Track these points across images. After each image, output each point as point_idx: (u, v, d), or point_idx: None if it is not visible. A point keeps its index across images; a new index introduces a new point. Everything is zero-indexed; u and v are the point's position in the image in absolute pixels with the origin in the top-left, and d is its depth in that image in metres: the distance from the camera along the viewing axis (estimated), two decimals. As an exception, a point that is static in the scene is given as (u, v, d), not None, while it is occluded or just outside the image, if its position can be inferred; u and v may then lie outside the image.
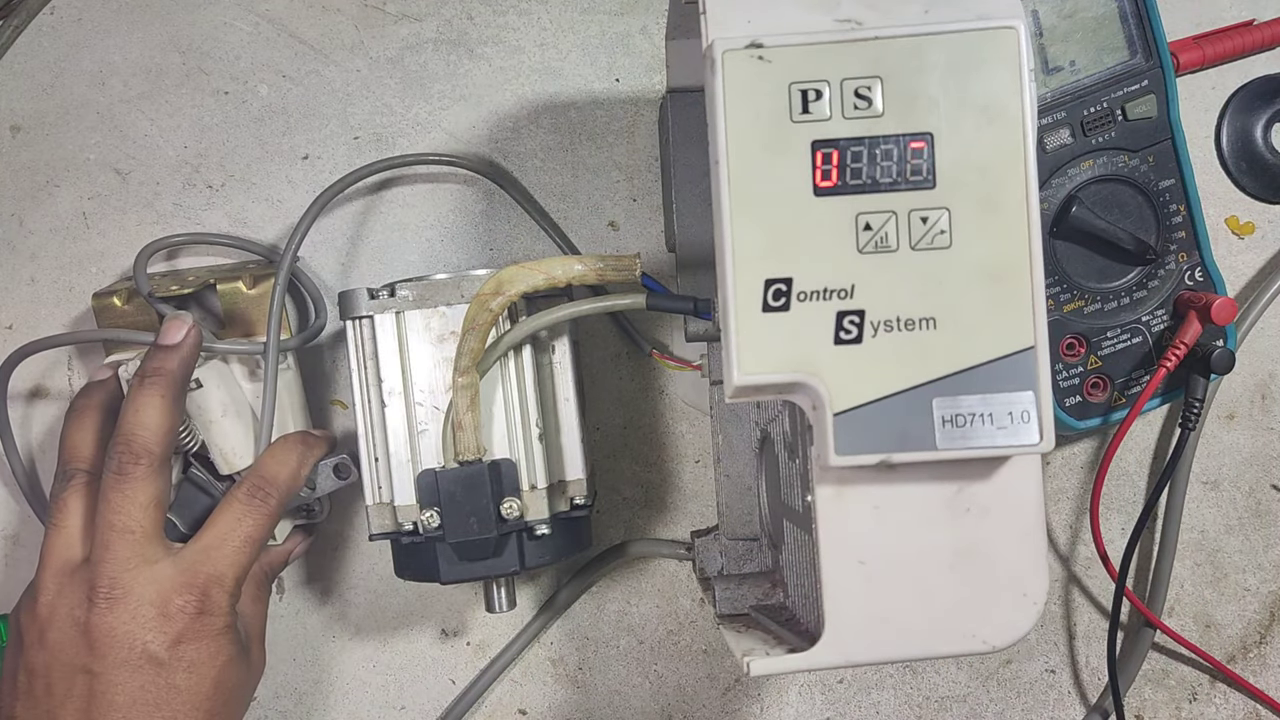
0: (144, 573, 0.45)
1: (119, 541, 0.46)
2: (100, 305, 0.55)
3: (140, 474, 0.46)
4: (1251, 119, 0.59)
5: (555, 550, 0.51)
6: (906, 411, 0.36)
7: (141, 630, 0.45)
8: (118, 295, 0.55)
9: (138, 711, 0.44)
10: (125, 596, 0.45)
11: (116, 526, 0.46)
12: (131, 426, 0.47)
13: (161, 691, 0.45)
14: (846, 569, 0.38)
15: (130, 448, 0.46)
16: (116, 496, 0.46)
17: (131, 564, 0.45)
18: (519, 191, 0.58)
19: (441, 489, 0.48)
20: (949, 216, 0.36)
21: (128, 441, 0.47)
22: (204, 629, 0.46)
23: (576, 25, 0.60)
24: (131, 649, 0.45)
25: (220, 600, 0.47)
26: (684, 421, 0.59)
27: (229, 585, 0.47)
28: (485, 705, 0.59)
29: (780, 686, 0.59)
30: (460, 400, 0.47)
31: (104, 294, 0.55)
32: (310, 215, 0.54)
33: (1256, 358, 0.59)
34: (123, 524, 0.46)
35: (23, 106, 0.59)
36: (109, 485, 0.46)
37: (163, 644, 0.45)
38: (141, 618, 0.45)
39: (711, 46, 0.36)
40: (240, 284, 0.54)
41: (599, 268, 0.46)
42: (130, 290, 0.55)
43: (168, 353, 0.48)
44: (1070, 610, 0.59)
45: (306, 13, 0.59)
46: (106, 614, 0.45)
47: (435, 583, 0.50)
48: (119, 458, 0.46)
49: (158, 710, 0.45)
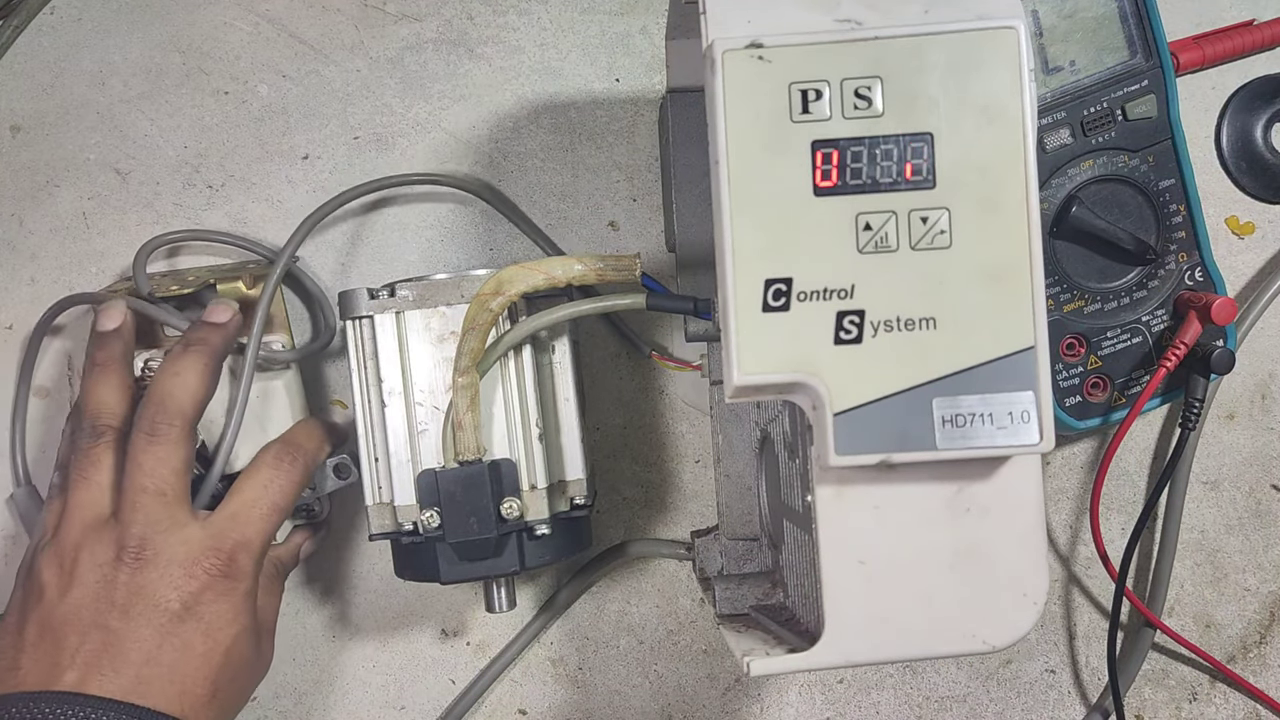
0: (174, 535, 0.46)
1: (152, 503, 0.46)
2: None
3: (174, 437, 0.47)
4: (1251, 119, 0.59)
5: (555, 550, 0.51)
6: (906, 411, 0.36)
7: (167, 588, 0.45)
8: (117, 294, 0.55)
9: (149, 668, 0.44)
10: (155, 558, 0.45)
11: (149, 489, 0.46)
12: (170, 388, 0.48)
13: (175, 651, 0.45)
14: (846, 569, 0.38)
15: (165, 410, 0.47)
16: (148, 459, 0.46)
17: (162, 526, 0.46)
18: (508, 208, 0.58)
19: (441, 489, 0.48)
20: (949, 216, 0.36)
21: (163, 403, 0.47)
22: (226, 590, 0.46)
23: (576, 25, 0.60)
24: (155, 607, 0.45)
25: (246, 565, 0.47)
26: (684, 421, 0.59)
27: (255, 551, 0.48)
28: (485, 705, 0.59)
29: (780, 686, 0.59)
30: (460, 400, 0.47)
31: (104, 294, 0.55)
32: (298, 237, 0.54)
33: (1256, 358, 0.59)
34: (155, 487, 0.46)
35: (23, 106, 0.59)
36: (140, 446, 0.47)
37: (184, 601, 0.45)
38: (169, 578, 0.45)
39: (711, 46, 0.36)
40: (240, 284, 0.54)
41: (599, 268, 0.46)
42: (130, 290, 0.55)
43: (213, 328, 0.51)
44: (1070, 610, 0.59)
45: (306, 13, 0.59)
46: (136, 574, 0.45)
47: (435, 583, 0.50)
48: (153, 419, 0.47)
49: (170, 671, 0.45)
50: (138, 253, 0.54)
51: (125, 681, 0.44)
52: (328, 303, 0.57)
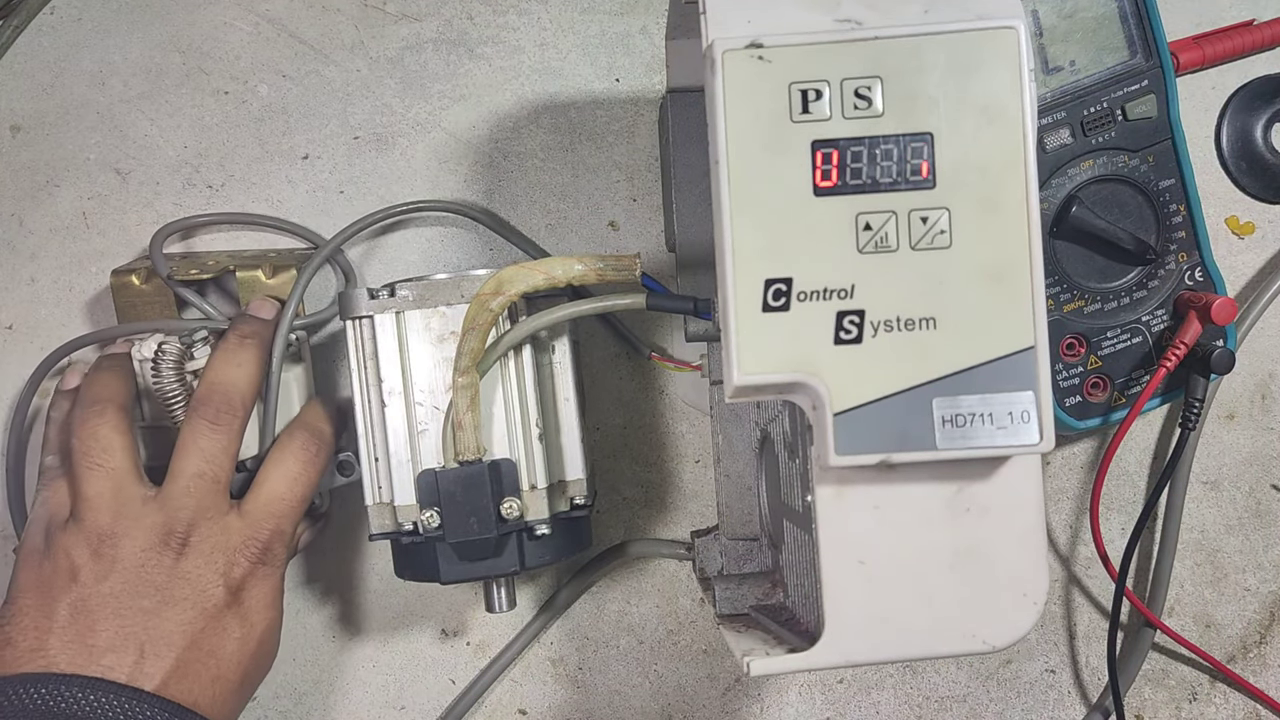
0: (219, 522, 0.47)
1: (206, 490, 0.47)
2: (118, 283, 0.55)
3: (231, 425, 0.48)
4: (1251, 119, 0.59)
5: (555, 550, 0.51)
6: (906, 411, 0.36)
7: (213, 576, 0.46)
8: (136, 274, 0.55)
9: (189, 653, 0.45)
10: (201, 544, 0.46)
11: (206, 475, 0.47)
12: (234, 378, 0.49)
13: (216, 638, 0.46)
14: (846, 569, 0.38)
15: (228, 398, 0.48)
16: (209, 444, 0.47)
17: (210, 513, 0.47)
18: (511, 232, 0.58)
19: (441, 489, 0.48)
20: (949, 216, 0.36)
21: (226, 392, 0.48)
22: (263, 579, 0.48)
23: (576, 25, 0.60)
24: (201, 593, 0.46)
25: (280, 552, 0.49)
26: (684, 421, 0.59)
27: (287, 539, 0.49)
28: (485, 705, 0.59)
29: (780, 686, 0.59)
30: (460, 400, 0.47)
31: (123, 271, 0.55)
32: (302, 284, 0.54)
33: (1256, 358, 0.59)
34: (212, 473, 0.47)
35: (23, 106, 0.59)
36: (201, 431, 0.47)
37: (228, 590, 0.46)
38: (214, 565, 0.46)
39: (711, 46, 0.36)
40: (260, 273, 0.55)
41: (599, 268, 0.46)
42: (148, 270, 0.55)
43: (263, 322, 0.52)
44: (1070, 610, 0.59)
45: (306, 13, 0.59)
46: (180, 560, 0.46)
47: (435, 583, 0.50)
48: (215, 405, 0.48)
49: (210, 657, 0.45)
50: (154, 236, 0.55)
51: (166, 666, 0.44)
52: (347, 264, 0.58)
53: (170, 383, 0.50)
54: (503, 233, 0.58)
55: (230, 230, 0.59)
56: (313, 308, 0.57)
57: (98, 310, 0.58)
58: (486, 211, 0.58)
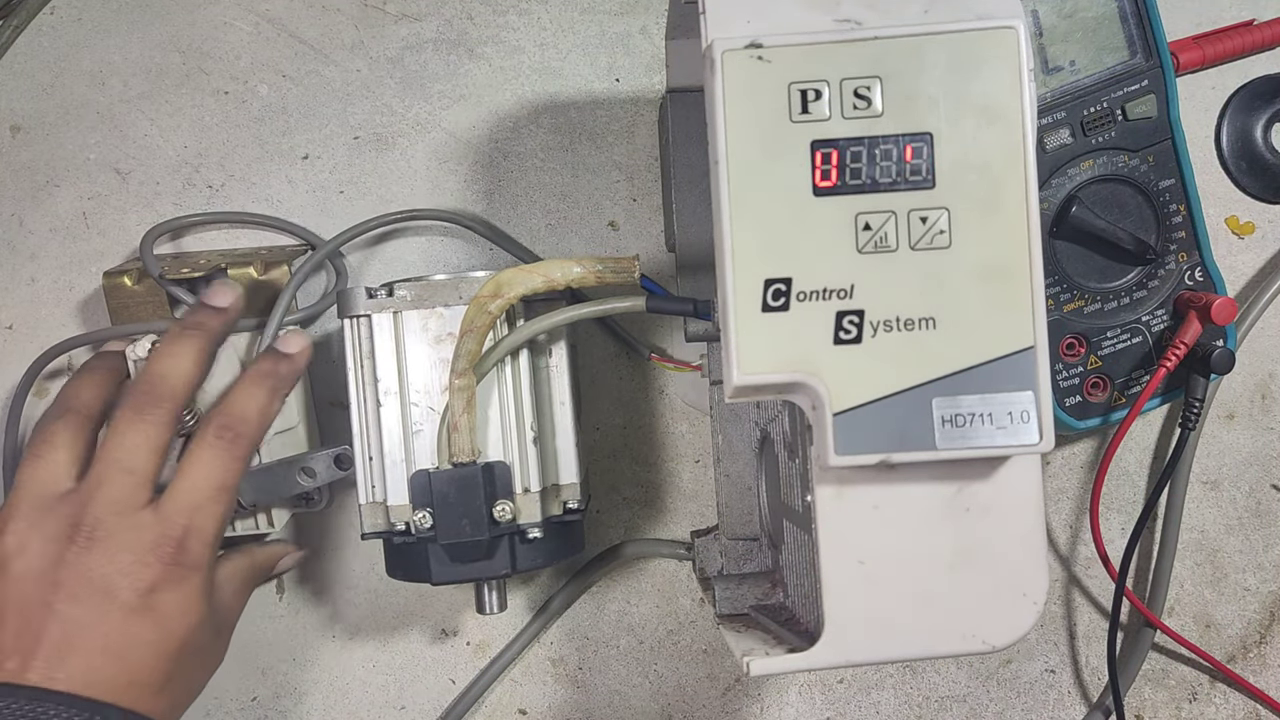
0: (129, 518, 0.44)
1: (118, 480, 0.45)
2: (111, 284, 0.55)
3: (160, 419, 0.46)
4: (1251, 119, 0.59)
5: (547, 554, 0.50)
6: (906, 411, 0.36)
7: (117, 575, 0.43)
8: (128, 275, 0.55)
9: (100, 659, 0.43)
10: (107, 539, 0.44)
11: (122, 464, 0.45)
12: (161, 369, 0.47)
13: (125, 641, 0.43)
14: (846, 569, 0.38)
15: (154, 389, 0.46)
16: (130, 434, 0.45)
17: (120, 506, 0.44)
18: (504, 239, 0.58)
19: (435, 490, 0.48)
20: (949, 216, 0.36)
21: (153, 383, 0.46)
22: (179, 581, 0.45)
23: (576, 25, 0.60)
24: (104, 592, 0.43)
25: (198, 553, 0.45)
26: (684, 421, 0.59)
27: (208, 537, 0.46)
28: (485, 705, 0.59)
29: (780, 686, 0.59)
30: (457, 402, 0.47)
31: (115, 273, 0.55)
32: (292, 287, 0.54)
33: (1256, 358, 0.59)
34: (128, 463, 0.45)
35: (23, 106, 0.59)
36: (123, 420, 0.46)
37: (135, 591, 0.44)
38: (118, 563, 0.44)
39: (711, 46, 0.36)
40: (251, 269, 0.55)
41: (598, 270, 0.46)
42: (140, 271, 0.55)
43: (212, 312, 0.49)
44: (1070, 610, 0.59)
45: (306, 13, 0.59)
46: (84, 554, 0.43)
47: (426, 583, 0.50)
48: (141, 396, 0.46)
49: (119, 660, 0.43)
50: (144, 236, 0.55)
51: (74, 669, 0.42)
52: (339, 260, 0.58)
53: None
54: (498, 241, 0.58)
55: (223, 229, 0.59)
56: (306, 305, 0.57)
57: (97, 311, 0.58)
58: (482, 220, 0.58)
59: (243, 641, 0.58)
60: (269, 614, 0.59)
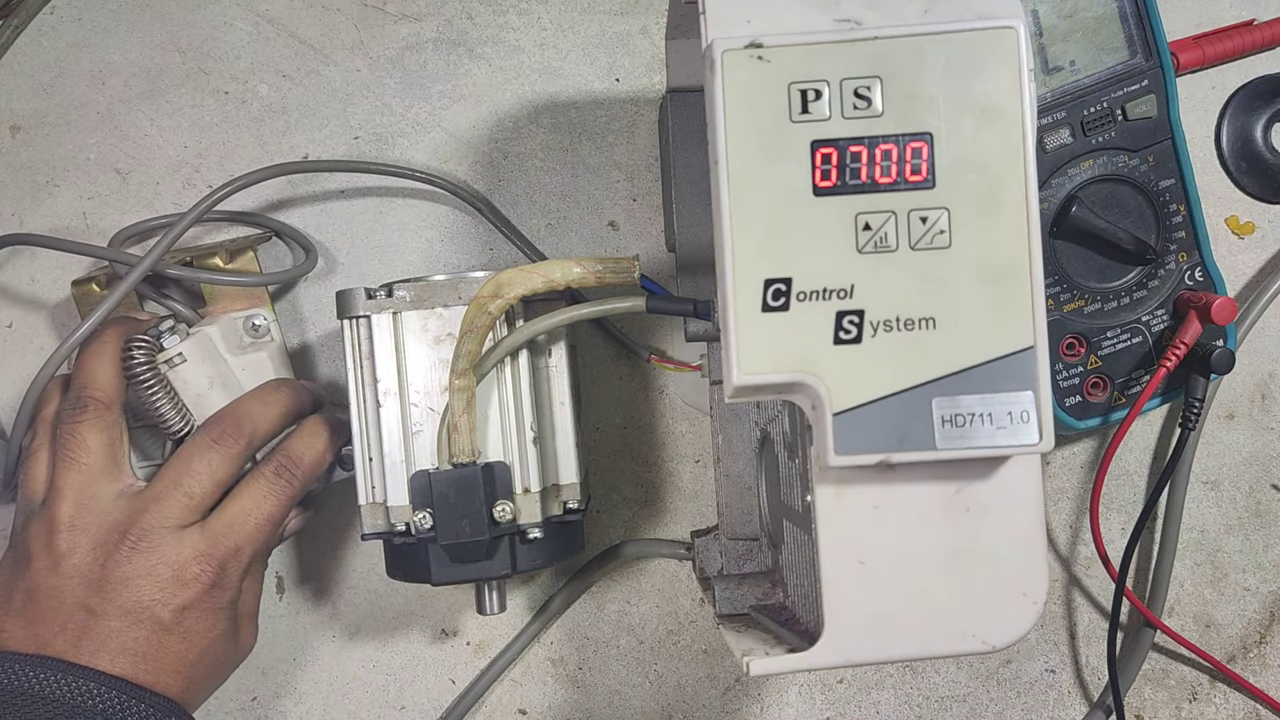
0: (175, 534, 0.47)
1: (175, 501, 0.47)
2: (80, 292, 0.56)
3: (230, 453, 0.49)
4: (1251, 119, 0.59)
5: (547, 554, 0.50)
6: (906, 411, 0.36)
7: (153, 588, 0.46)
8: (95, 281, 0.56)
9: (124, 659, 0.45)
10: (150, 551, 0.46)
11: (182, 487, 0.47)
12: (252, 411, 0.50)
13: (151, 648, 0.46)
14: (846, 569, 0.38)
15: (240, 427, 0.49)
16: (200, 463, 0.48)
17: (170, 522, 0.47)
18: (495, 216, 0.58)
19: (435, 490, 0.48)
20: (948, 216, 0.36)
21: (240, 421, 0.49)
22: (211, 603, 0.47)
23: (576, 25, 0.60)
24: (139, 602, 0.46)
25: (234, 575, 0.48)
26: (684, 421, 0.59)
27: (245, 562, 0.48)
28: (485, 705, 0.59)
29: (780, 686, 0.59)
30: (457, 403, 0.47)
31: (82, 281, 0.56)
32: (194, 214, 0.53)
33: (1256, 358, 0.59)
34: (188, 487, 0.47)
35: (23, 106, 0.59)
36: (198, 448, 0.48)
37: (170, 608, 0.46)
38: (157, 576, 0.46)
39: (711, 46, 0.36)
40: (217, 259, 0.55)
41: (597, 270, 0.46)
42: (108, 275, 0.56)
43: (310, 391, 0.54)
44: (1070, 610, 0.59)
45: (306, 13, 0.59)
46: (127, 562, 0.46)
47: (426, 584, 0.50)
48: (223, 429, 0.49)
49: (144, 663, 0.45)
50: (112, 239, 0.55)
51: (102, 664, 0.45)
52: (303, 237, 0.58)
53: (144, 371, 0.50)
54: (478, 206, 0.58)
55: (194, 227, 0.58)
56: (304, 311, 0.57)
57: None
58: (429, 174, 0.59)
59: (243, 641, 0.59)
60: (269, 614, 0.59)
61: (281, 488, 0.49)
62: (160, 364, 0.51)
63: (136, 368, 0.50)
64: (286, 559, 0.59)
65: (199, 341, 0.52)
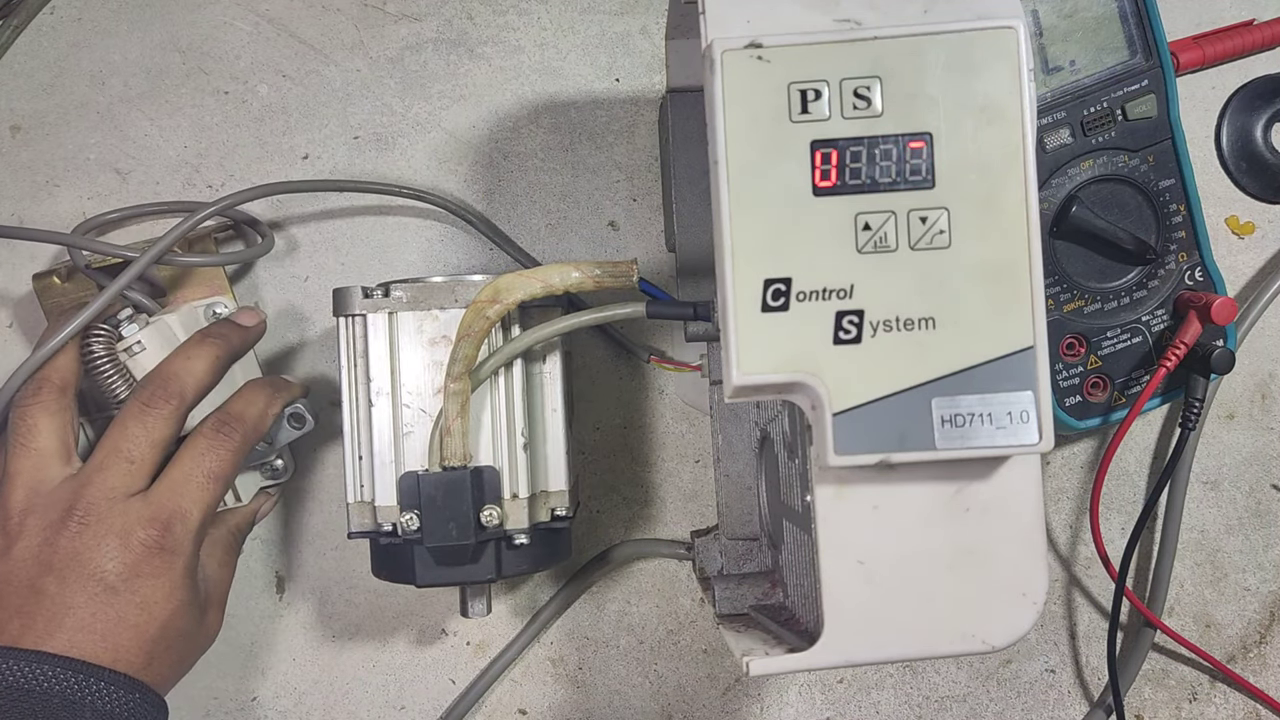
0: (121, 504, 0.46)
1: (117, 468, 0.47)
2: (41, 285, 0.56)
3: (167, 413, 0.48)
4: (1251, 119, 0.59)
5: (533, 560, 0.50)
6: (905, 411, 0.36)
7: (102, 558, 0.45)
8: (56, 274, 0.56)
9: (83, 636, 0.44)
10: (97, 523, 0.46)
11: (122, 453, 0.47)
12: (176, 368, 0.49)
13: (110, 622, 0.45)
14: (846, 569, 0.38)
15: (167, 386, 0.48)
16: (134, 425, 0.47)
17: (114, 493, 0.46)
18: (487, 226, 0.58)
19: (423, 492, 0.48)
20: (948, 216, 0.36)
21: (166, 380, 0.49)
22: (163, 566, 0.46)
23: (576, 25, 0.60)
24: (90, 575, 0.45)
25: (182, 537, 0.47)
26: (684, 421, 0.59)
27: (192, 523, 0.48)
28: (485, 705, 0.59)
29: (780, 686, 0.59)
30: (451, 406, 0.47)
31: (43, 275, 0.56)
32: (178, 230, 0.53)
33: (1256, 358, 0.59)
34: (128, 452, 0.47)
35: (23, 106, 0.59)
36: (130, 411, 0.48)
37: (120, 573, 0.45)
38: (106, 546, 0.46)
39: (711, 46, 0.36)
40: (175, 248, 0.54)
41: (596, 275, 0.46)
42: (68, 268, 0.55)
43: (236, 327, 0.53)
44: (1070, 610, 0.59)
45: (306, 13, 0.59)
46: (75, 538, 0.45)
47: (410, 585, 0.50)
48: (151, 390, 0.48)
49: (103, 640, 0.45)
50: (74, 230, 0.55)
51: (58, 645, 0.44)
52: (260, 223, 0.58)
53: (102, 360, 0.50)
54: (474, 222, 0.58)
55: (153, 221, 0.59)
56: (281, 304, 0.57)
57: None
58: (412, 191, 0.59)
59: (243, 641, 0.59)
60: (269, 614, 0.59)
61: (221, 442, 0.49)
62: (120, 352, 0.51)
63: (95, 357, 0.50)
64: (286, 559, 0.59)
65: (158, 329, 0.52)
